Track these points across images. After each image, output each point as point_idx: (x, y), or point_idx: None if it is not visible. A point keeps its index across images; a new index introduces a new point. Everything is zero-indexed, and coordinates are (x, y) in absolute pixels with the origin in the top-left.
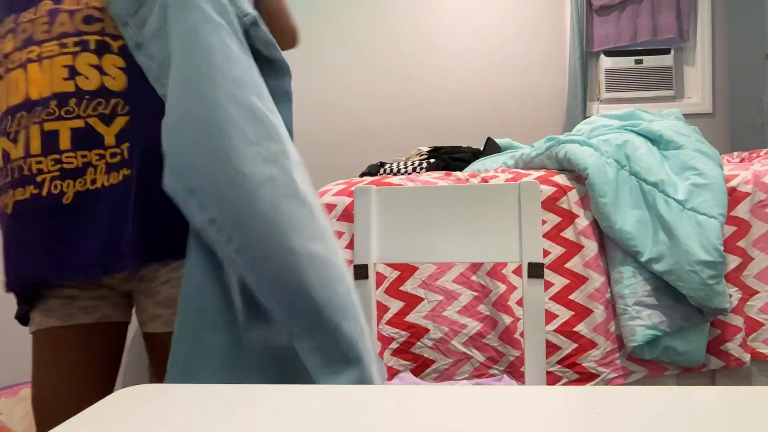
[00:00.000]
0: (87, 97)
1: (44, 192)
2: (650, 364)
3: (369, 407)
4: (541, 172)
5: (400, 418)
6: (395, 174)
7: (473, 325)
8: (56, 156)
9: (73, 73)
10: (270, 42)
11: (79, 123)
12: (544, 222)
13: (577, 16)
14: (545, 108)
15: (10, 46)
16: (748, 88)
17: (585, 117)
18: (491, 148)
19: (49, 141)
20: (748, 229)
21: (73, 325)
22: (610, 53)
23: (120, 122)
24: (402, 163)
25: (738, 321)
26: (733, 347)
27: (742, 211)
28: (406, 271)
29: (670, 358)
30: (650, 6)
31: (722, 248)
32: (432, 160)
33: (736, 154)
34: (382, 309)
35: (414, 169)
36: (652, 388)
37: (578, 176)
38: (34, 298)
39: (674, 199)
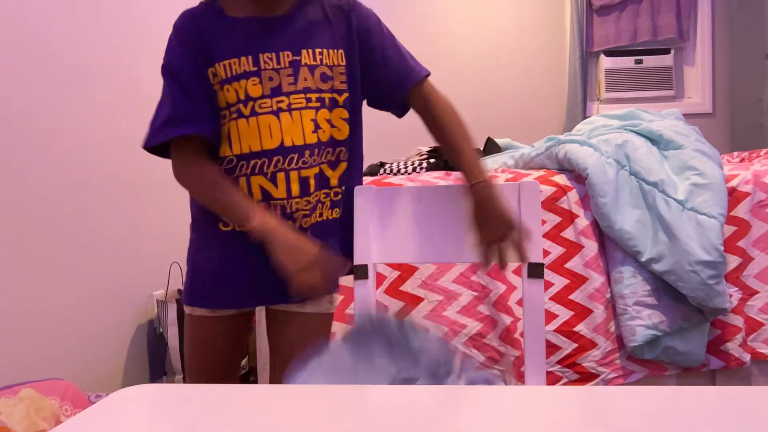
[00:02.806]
0: (323, 147)
1: (296, 226)
2: (650, 364)
3: (369, 407)
4: (541, 172)
5: (400, 418)
6: (395, 174)
7: (473, 325)
8: (308, 198)
9: (316, 126)
10: None
11: (316, 170)
12: (544, 222)
13: (577, 16)
14: (545, 108)
15: (258, 91)
16: (748, 88)
17: (585, 117)
18: (491, 148)
19: (304, 185)
20: (748, 229)
21: (217, 316)
22: (610, 53)
23: (342, 167)
24: (402, 163)
25: (738, 321)
26: (733, 347)
27: (742, 211)
28: (406, 271)
29: (670, 358)
30: (650, 6)
31: (722, 248)
32: (432, 160)
33: (736, 154)
34: (382, 309)
35: (414, 169)
36: (652, 388)
37: (578, 176)
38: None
39: (674, 199)
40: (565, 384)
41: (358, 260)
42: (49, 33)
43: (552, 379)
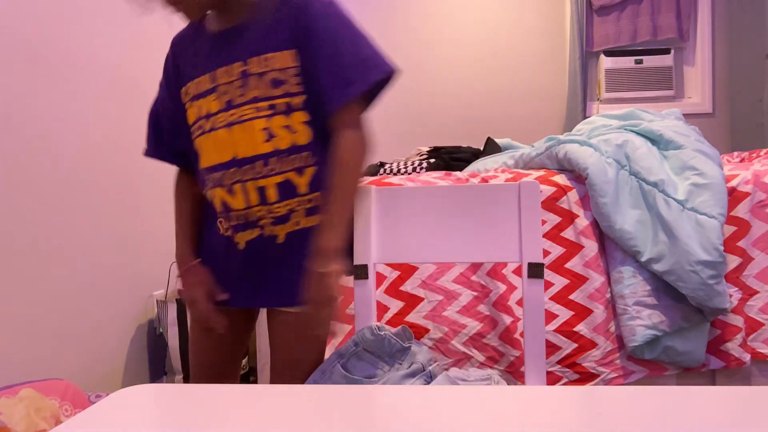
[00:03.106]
0: (284, 155)
1: (265, 234)
2: (650, 364)
3: (369, 407)
4: (541, 172)
5: (400, 418)
6: (395, 174)
7: (473, 325)
8: (271, 207)
9: (270, 135)
10: None
11: (278, 179)
12: (544, 222)
13: (577, 16)
14: (545, 108)
15: (216, 106)
16: (748, 88)
17: (585, 117)
18: (491, 148)
19: (263, 195)
20: (748, 229)
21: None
22: (610, 53)
23: (309, 172)
24: (402, 163)
25: (738, 321)
26: (733, 347)
27: (742, 211)
28: (406, 271)
29: (670, 358)
30: (650, 6)
31: (722, 248)
32: (432, 160)
33: (736, 154)
34: (382, 309)
35: (414, 169)
36: (652, 388)
37: (578, 176)
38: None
39: (674, 199)
40: (565, 384)
41: (358, 260)
42: (42, 29)
43: (552, 379)
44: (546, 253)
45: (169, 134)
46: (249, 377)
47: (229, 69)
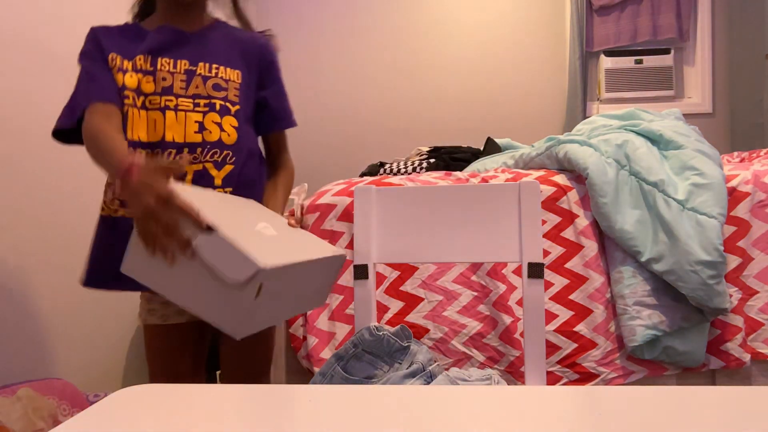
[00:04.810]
0: (208, 147)
1: None
2: (650, 364)
3: (369, 407)
4: (541, 172)
5: (400, 418)
6: (395, 174)
7: (473, 325)
8: None
9: (201, 128)
10: None
11: (198, 167)
12: (544, 222)
13: (577, 16)
14: (545, 108)
15: (150, 88)
16: (748, 88)
17: (585, 117)
18: (491, 148)
19: (181, 180)
20: (748, 229)
21: (170, 324)
22: (610, 53)
23: (227, 169)
24: (402, 163)
25: (738, 321)
26: (733, 347)
27: (742, 211)
28: (406, 271)
29: (670, 358)
30: (650, 6)
31: (722, 248)
32: (432, 160)
33: (736, 154)
34: (382, 309)
35: (414, 169)
36: (652, 388)
37: (578, 176)
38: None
39: (674, 199)
40: (565, 384)
41: (358, 260)
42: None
43: (552, 379)
44: (546, 253)
45: (107, 79)
46: None
47: (173, 62)
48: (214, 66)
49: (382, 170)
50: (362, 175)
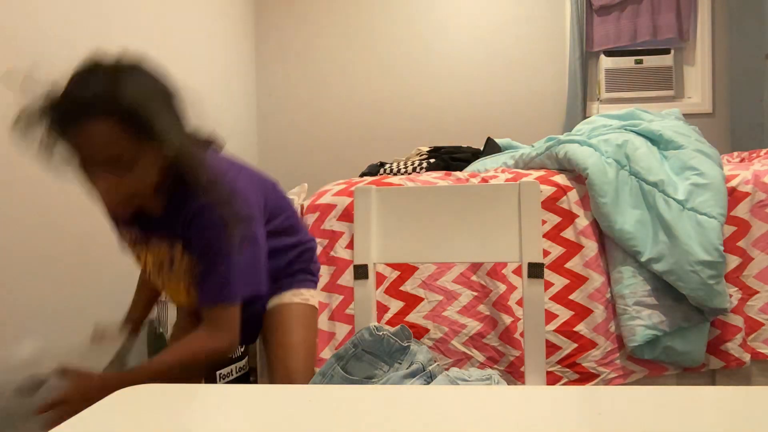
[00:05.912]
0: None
1: None
2: (650, 364)
3: (368, 407)
4: (541, 172)
5: (400, 418)
6: (395, 174)
7: (473, 325)
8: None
9: (190, 295)
10: None
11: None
12: (544, 222)
13: (577, 16)
14: (545, 108)
15: (149, 259)
16: (748, 88)
17: (585, 117)
18: (491, 148)
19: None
20: (748, 229)
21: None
22: (610, 53)
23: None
24: (402, 163)
25: (738, 321)
26: (733, 347)
27: (742, 211)
28: (406, 271)
29: (670, 358)
30: (650, 6)
31: (722, 248)
32: (432, 160)
33: (736, 154)
34: (382, 309)
35: (414, 169)
36: (652, 388)
37: (578, 176)
38: None
39: (674, 199)
40: (565, 384)
41: (358, 260)
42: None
43: (552, 379)
44: (546, 253)
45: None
46: (249, 377)
47: (160, 245)
48: (179, 247)
49: (382, 170)
50: (362, 175)
